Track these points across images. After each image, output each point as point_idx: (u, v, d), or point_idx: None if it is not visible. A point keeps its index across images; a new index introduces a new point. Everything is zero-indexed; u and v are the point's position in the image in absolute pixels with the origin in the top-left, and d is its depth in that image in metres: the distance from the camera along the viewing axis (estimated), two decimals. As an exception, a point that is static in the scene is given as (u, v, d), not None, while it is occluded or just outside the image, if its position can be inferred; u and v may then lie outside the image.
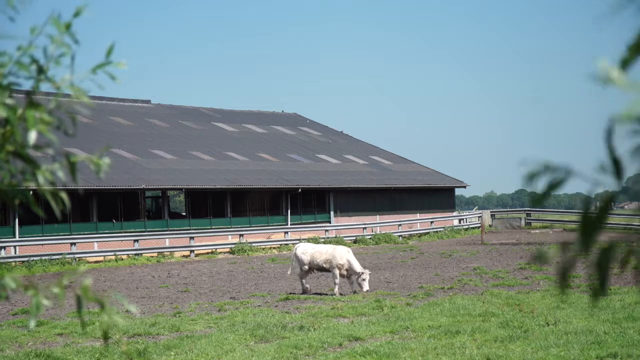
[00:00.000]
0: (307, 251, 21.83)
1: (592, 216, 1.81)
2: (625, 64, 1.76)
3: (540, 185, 1.84)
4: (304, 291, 21.45)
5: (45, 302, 2.42)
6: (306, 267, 21.59)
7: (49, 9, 2.40)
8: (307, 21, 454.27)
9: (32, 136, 2.31)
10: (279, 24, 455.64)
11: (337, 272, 21.12)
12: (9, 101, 2.29)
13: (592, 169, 1.78)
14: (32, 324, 2.45)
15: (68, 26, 2.36)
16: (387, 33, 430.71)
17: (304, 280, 21.67)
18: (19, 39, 2.37)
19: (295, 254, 22.16)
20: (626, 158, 1.76)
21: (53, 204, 2.37)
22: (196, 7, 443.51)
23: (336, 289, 21.08)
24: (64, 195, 2.41)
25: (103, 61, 2.40)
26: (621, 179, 1.77)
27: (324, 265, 21.42)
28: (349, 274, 21.19)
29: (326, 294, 21.22)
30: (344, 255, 21.29)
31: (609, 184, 1.79)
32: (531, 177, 1.83)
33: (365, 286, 20.82)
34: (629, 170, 1.77)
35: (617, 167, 1.76)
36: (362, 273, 20.98)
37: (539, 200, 1.85)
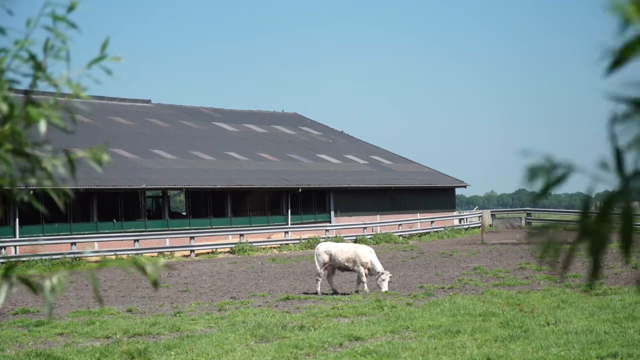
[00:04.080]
0: (329, 250, 21.62)
1: (594, 218, 1.78)
2: None
3: (540, 182, 1.81)
4: (335, 292, 21.28)
5: (56, 281, 2.40)
6: (325, 265, 21.42)
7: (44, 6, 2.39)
8: (307, 21, 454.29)
9: (42, 126, 2.30)
10: (279, 24, 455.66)
11: (362, 270, 21.03)
12: (9, 94, 2.28)
13: (593, 165, 1.76)
14: (47, 309, 2.42)
15: (63, 18, 2.35)
16: (387, 33, 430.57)
17: (319, 279, 21.38)
18: (16, 32, 2.36)
19: (317, 252, 22.04)
20: (628, 150, 1.73)
21: (55, 196, 2.36)
22: (196, 7, 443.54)
23: (365, 287, 20.94)
24: (65, 188, 2.40)
25: (98, 56, 2.39)
26: (623, 175, 1.74)
27: (346, 264, 21.26)
28: (370, 274, 21.15)
29: (326, 294, 21.21)
30: (367, 254, 21.24)
31: (610, 180, 1.76)
32: (532, 172, 1.81)
33: (384, 287, 20.76)
34: (630, 164, 1.74)
35: (619, 160, 1.73)
36: (383, 273, 20.94)
37: (539, 197, 1.83)
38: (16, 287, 2.42)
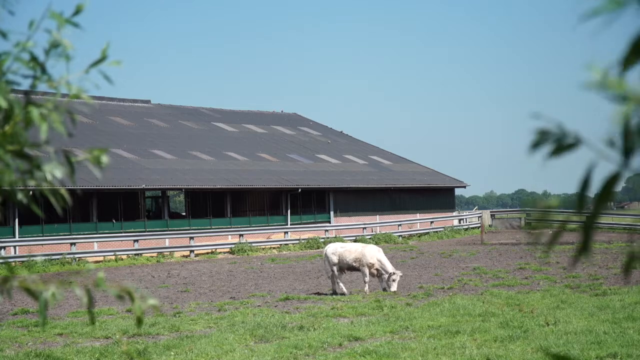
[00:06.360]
0: (336, 251, 21.45)
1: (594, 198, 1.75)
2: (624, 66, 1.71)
3: (548, 147, 1.78)
4: (334, 292, 21.15)
5: (56, 292, 2.40)
6: (336, 267, 21.30)
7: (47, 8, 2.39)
8: (307, 21, 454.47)
9: (44, 130, 2.30)
10: (279, 23, 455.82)
11: (366, 270, 20.89)
12: (10, 96, 2.28)
13: (599, 141, 1.73)
14: (40, 320, 2.43)
15: (67, 20, 2.35)
16: (387, 33, 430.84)
17: (338, 281, 21.25)
18: (17, 34, 2.35)
19: (325, 254, 21.91)
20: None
21: (53, 200, 2.36)
22: (196, 7, 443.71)
23: (366, 288, 20.89)
24: (63, 192, 2.40)
25: (98, 59, 2.39)
26: (630, 156, 1.70)
27: (354, 264, 21.09)
28: (380, 274, 21.02)
29: (326, 294, 21.22)
30: (374, 254, 21.07)
31: (615, 159, 1.72)
32: (542, 135, 1.77)
33: (394, 287, 20.64)
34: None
35: (627, 140, 1.69)
36: (394, 273, 20.85)
37: (553, 153, 1.78)
38: (14, 291, 2.42)
